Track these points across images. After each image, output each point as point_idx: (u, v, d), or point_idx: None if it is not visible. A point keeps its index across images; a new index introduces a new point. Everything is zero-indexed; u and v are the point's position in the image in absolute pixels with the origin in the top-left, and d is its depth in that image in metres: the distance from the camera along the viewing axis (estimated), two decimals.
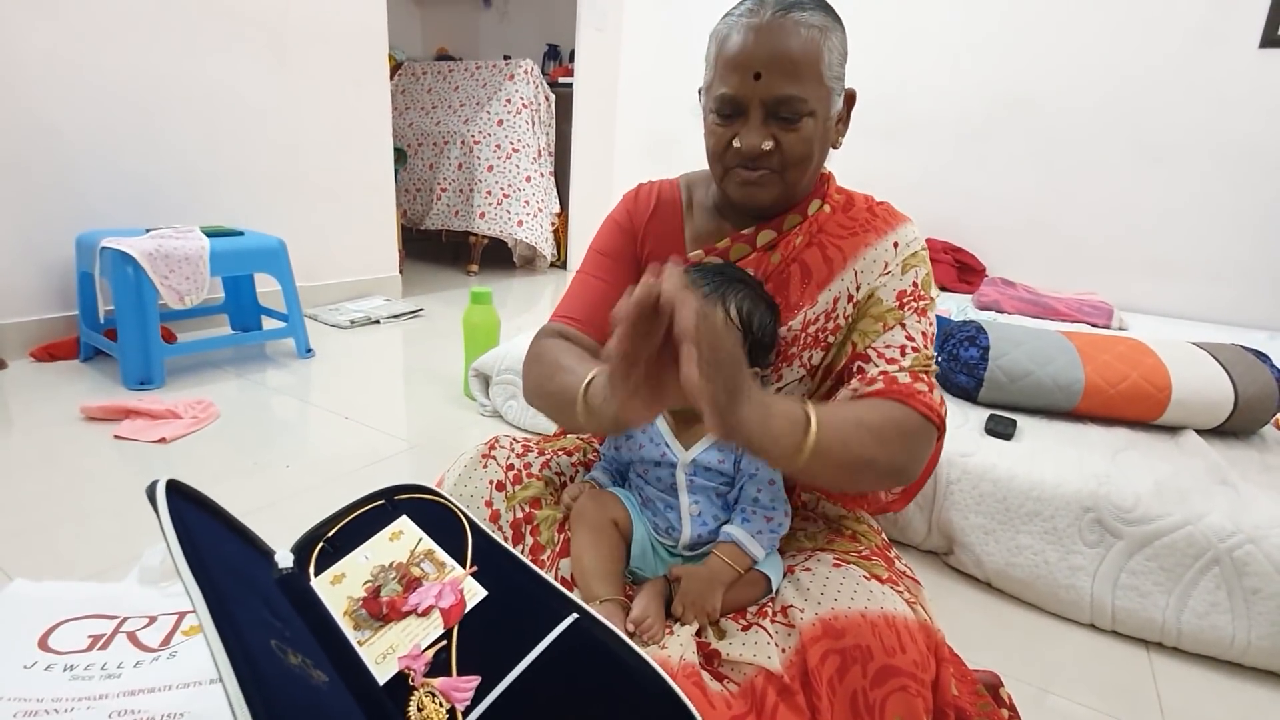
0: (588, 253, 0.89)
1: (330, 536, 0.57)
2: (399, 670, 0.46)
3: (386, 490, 0.63)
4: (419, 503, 0.61)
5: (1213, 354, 1.34)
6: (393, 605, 0.50)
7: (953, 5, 2.84)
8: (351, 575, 0.53)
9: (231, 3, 2.17)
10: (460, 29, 4.41)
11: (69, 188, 1.92)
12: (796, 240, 0.79)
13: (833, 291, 0.78)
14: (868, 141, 3.07)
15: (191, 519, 0.47)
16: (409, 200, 3.67)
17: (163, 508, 0.44)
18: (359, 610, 0.51)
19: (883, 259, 0.79)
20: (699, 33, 3.84)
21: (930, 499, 1.16)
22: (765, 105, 0.70)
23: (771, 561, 0.75)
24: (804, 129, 0.71)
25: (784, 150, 0.72)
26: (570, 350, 0.76)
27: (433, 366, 2.10)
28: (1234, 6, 2.39)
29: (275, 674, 0.38)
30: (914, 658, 0.63)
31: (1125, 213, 2.68)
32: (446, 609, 0.50)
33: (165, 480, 0.47)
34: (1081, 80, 2.66)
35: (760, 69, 0.69)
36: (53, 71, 1.84)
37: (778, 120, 0.71)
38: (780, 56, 0.68)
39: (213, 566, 0.43)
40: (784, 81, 0.69)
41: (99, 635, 0.84)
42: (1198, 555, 0.97)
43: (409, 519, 0.59)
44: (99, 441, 1.43)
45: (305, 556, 0.55)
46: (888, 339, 0.76)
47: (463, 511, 0.63)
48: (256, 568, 0.52)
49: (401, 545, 0.56)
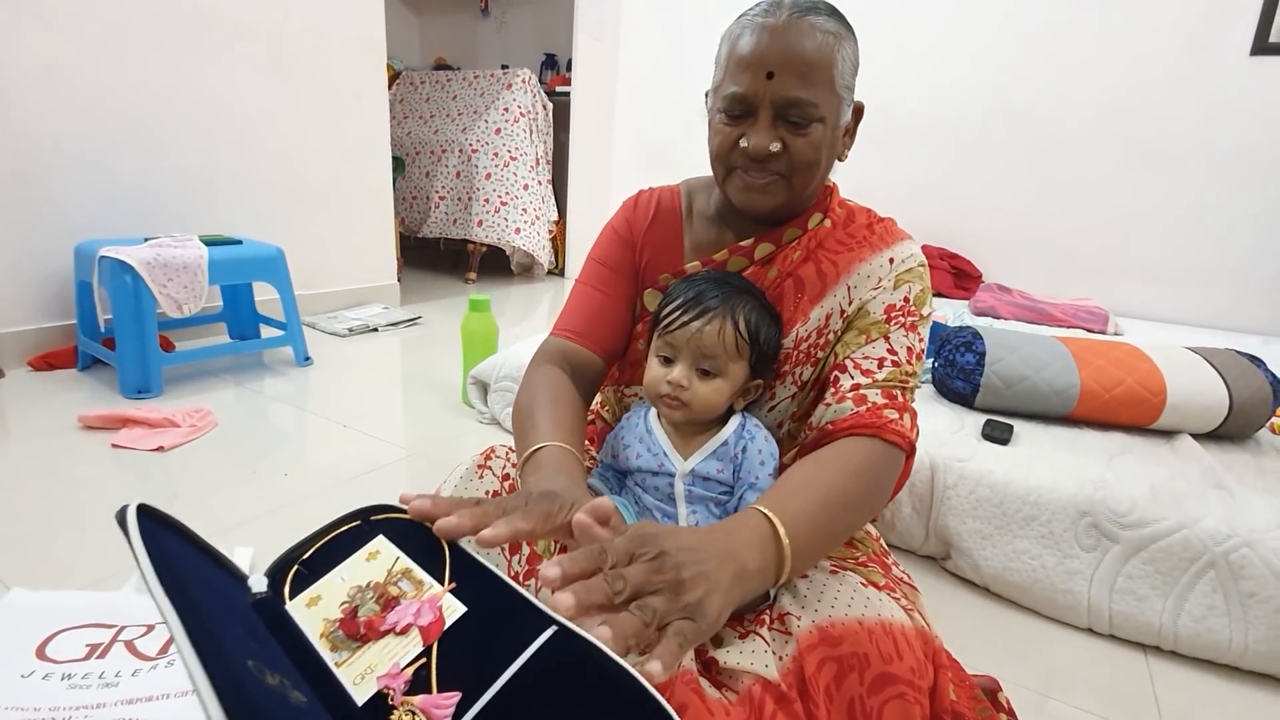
0: (587, 261, 0.89)
1: (305, 559, 0.56)
2: (378, 690, 0.46)
3: (362, 510, 0.62)
4: (395, 523, 0.60)
5: (1207, 359, 1.34)
6: (370, 625, 0.50)
7: (949, 15, 2.87)
8: (328, 597, 0.53)
9: (230, 12, 2.18)
10: (458, 39, 4.44)
11: (67, 197, 1.93)
12: (794, 255, 0.79)
13: (825, 308, 0.78)
14: (866, 149, 3.07)
15: (167, 542, 0.47)
16: (406, 208, 3.68)
17: (134, 530, 0.44)
18: (336, 631, 0.50)
19: (876, 274, 0.78)
20: (696, 41, 3.84)
21: (927, 504, 1.17)
22: (775, 106, 0.69)
23: None
24: (813, 134, 0.70)
25: (791, 154, 0.71)
26: (552, 399, 0.76)
27: (431, 374, 2.10)
28: (1225, 15, 2.41)
29: (257, 692, 0.38)
30: (911, 664, 0.63)
31: (1120, 219, 2.70)
32: (425, 626, 0.49)
33: (136, 504, 0.47)
34: (1076, 89, 2.68)
35: (773, 68, 0.68)
36: (51, 81, 1.85)
37: (787, 123, 0.70)
38: (794, 57, 0.67)
39: (190, 585, 0.43)
40: (796, 83, 0.68)
41: (97, 644, 0.84)
42: (1193, 559, 0.97)
43: (385, 539, 0.58)
44: (96, 450, 1.43)
45: (280, 580, 0.55)
46: (867, 350, 0.75)
47: None
48: (231, 590, 0.52)
49: (379, 565, 0.56)
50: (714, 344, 0.72)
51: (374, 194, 2.82)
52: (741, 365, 0.74)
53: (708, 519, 0.76)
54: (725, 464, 0.75)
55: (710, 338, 0.72)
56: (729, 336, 0.71)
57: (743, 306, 0.73)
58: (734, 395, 0.75)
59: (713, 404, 0.74)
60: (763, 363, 0.75)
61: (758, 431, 0.76)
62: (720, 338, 0.71)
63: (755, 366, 0.75)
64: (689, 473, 0.75)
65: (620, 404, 0.90)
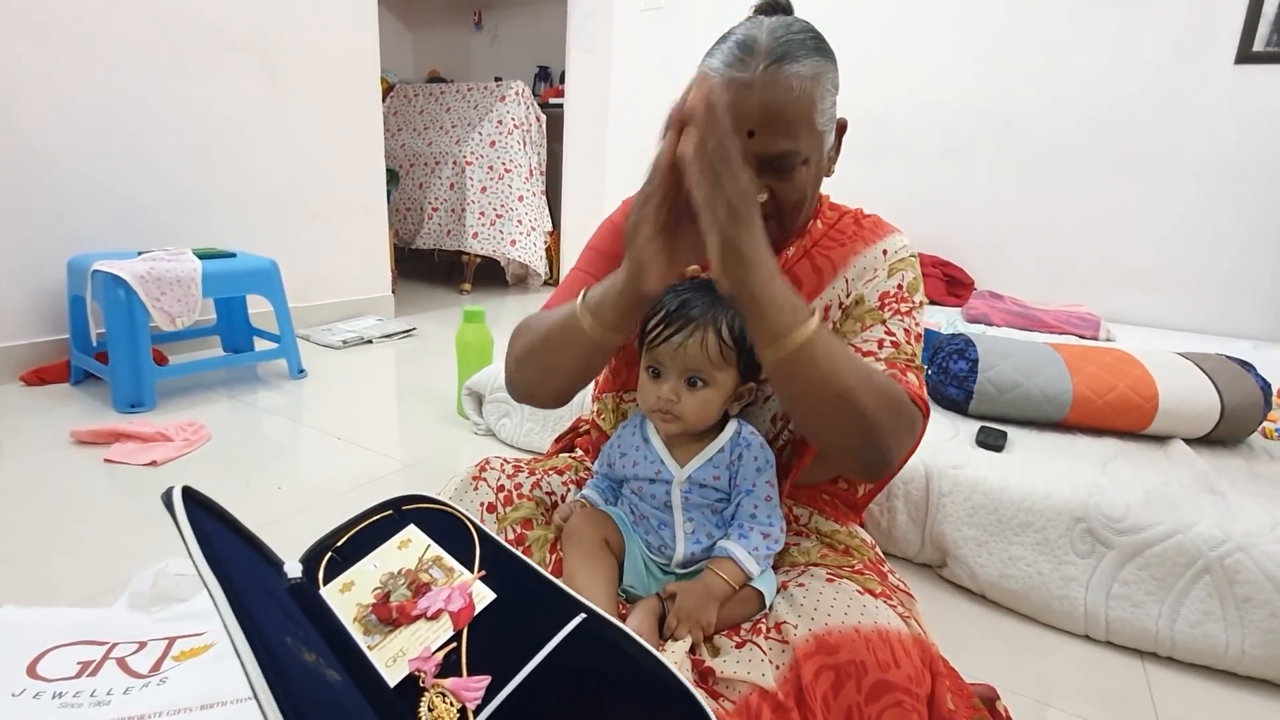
0: (584, 250, 0.89)
1: (338, 546, 0.58)
2: (409, 672, 0.47)
3: (394, 500, 0.63)
4: (426, 512, 0.62)
5: (1198, 364, 1.35)
6: (402, 610, 0.51)
7: (940, 27, 2.90)
8: (360, 583, 0.54)
9: (224, 27, 2.19)
10: (452, 51, 4.46)
11: (61, 211, 1.93)
12: (788, 253, 0.81)
13: (823, 300, 0.80)
14: (859, 159, 3.10)
15: (208, 525, 0.48)
16: (400, 220, 3.68)
17: (180, 511, 0.45)
18: (368, 616, 0.51)
19: (872, 266, 0.80)
20: (688, 51, 3.86)
21: (923, 512, 1.17)
22: (759, 160, 0.69)
23: (765, 578, 0.75)
24: (798, 177, 0.71)
25: (779, 198, 0.72)
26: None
27: (426, 385, 2.10)
28: (1209, 24, 2.45)
29: (294, 668, 0.39)
30: (908, 672, 0.63)
31: (1109, 226, 2.72)
32: (455, 612, 0.50)
33: (181, 487, 0.48)
34: (1065, 98, 2.71)
35: (753, 128, 0.67)
36: (44, 95, 1.85)
37: (772, 171, 0.70)
38: (773, 115, 0.67)
39: (229, 565, 0.44)
40: (777, 139, 0.68)
41: (88, 662, 0.83)
42: (1188, 564, 0.97)
43: (416, 527, 0.60)
44: (89, 465, 1.42)
45: (314, 566, 0.56)
46: (865, 335, 0.77)
47: (470, 519, 0.63)
48: (266, 574, 0.53)
49: (410, 553, 0.57)
50: (698, 356, 0.71)
51: (368, 206, 2.82)
52: (729, 372, 0.74)
53: (704, 527, 0.76)
54: (721, 470, 0.75)
55: (694, 350, 0.71)
56: (712, 346, 0.72)
57: (725, 313, 0.73)
58: (726, 402, 0.75)
59: (704, 414, 0.74)
60: (752, 366, 0.75)
61: (753, 439, 0.76)
62: (704, 349, 0.71)
63: (745, 370, 0.75)
64: (686, 480, 0.76)
65: (618, 411, 0.90)
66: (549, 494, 0.87)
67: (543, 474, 0.89)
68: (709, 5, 3.33)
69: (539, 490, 0.86)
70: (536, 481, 0.87)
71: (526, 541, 0.78)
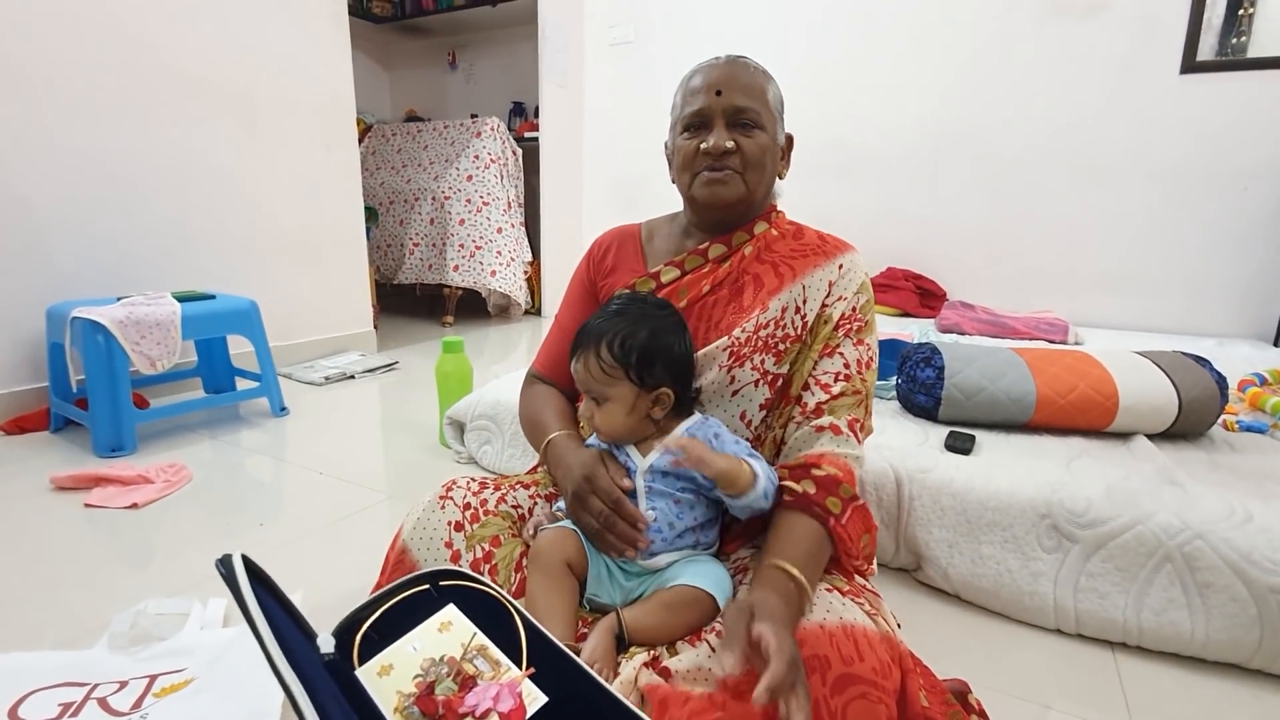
0: (561, 304, 1.05)
1: (374, 622, 0.55)
2: None
3: (430, 574, 0.60)
4: (466, 591, 0.59)
5: (1155, 361, 1.40)
6: (449, 706, 0.48)
7: (898, 51, 3.00)
8: (400, 666, 0.51)
9: (200, 73, 2.24)
10: (428, 91, 4.54)
11: (40, 259, 1.94)
12: (745, 251, 0.91)
13: (782, 300, 0.88)
14: (826, 180, 3.20)
15: (258, 591, 0.47)
16: (381, 256, 3.72)
17: (244, 583, 0.44)
18: (410, 708, 0.48)
19: (828, 279, 0.89)
20: (655, 83, 3.97)
21: (895, 517, 1.19)
22: (726, 114, 0.86)
23: (716, 579, 0.78)
24: (758, 138, 0.86)
25: (744, 151, 0.86)
26: (550, 399, 0.99)
27: (408, 417, 2.11)
28: (1154, 38, 2.56)
29: None
30: (873, 665, 0.64)
31: (1072, 233, 2.81)
32: (505, 713, 0.48)
33: (240, 555, 0.48)
34: (1021, 113, 2.81)
35: (721, 88, 0.86)
36: (23, 143, 1.88)
37: (738, 128, 0.86)
38: (737, 79, 0.86)
39: (288, 637, 0.43)
40: (741, 96, 0.85)
41: (69, 703, 0.83)
42: (1150, 554, 1.00)
43: (457, 608, 0.57)
44: (69, 511, 1.42)
45: (348, 641, 0.53)
46: (825, 365, 0.87)
47: (513, 605, 0.62)
48: (301, 645, 0.52)
49: (452, 638, 0.54)
50: (586, 378, 0.82)
51: (348, 244, 2.85)
52: (623, 385, 0.80)
53: (666, 516, 0.80)
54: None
55: (582, 373, 0.82)
56: (594, 367, 0.80)
57: (613, 332, 0.80)
58: (634, 411, 0.81)
59: (614, 424, 0.81)
60: (649, 374, 0.80)
61: (720, 427, 0.83)
62: (589, 371, 0.81)
63: (640, 381, 0.80)
64: (648, 470, 0.80)
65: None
66: (515, 507, 0.90)
67: (508, 489, 0.92)
68: (675, 38, 3.43)
69: (504, 505, 0.89)
70: (502, 496, 0.90)
71: (494, 560, 0.80)
